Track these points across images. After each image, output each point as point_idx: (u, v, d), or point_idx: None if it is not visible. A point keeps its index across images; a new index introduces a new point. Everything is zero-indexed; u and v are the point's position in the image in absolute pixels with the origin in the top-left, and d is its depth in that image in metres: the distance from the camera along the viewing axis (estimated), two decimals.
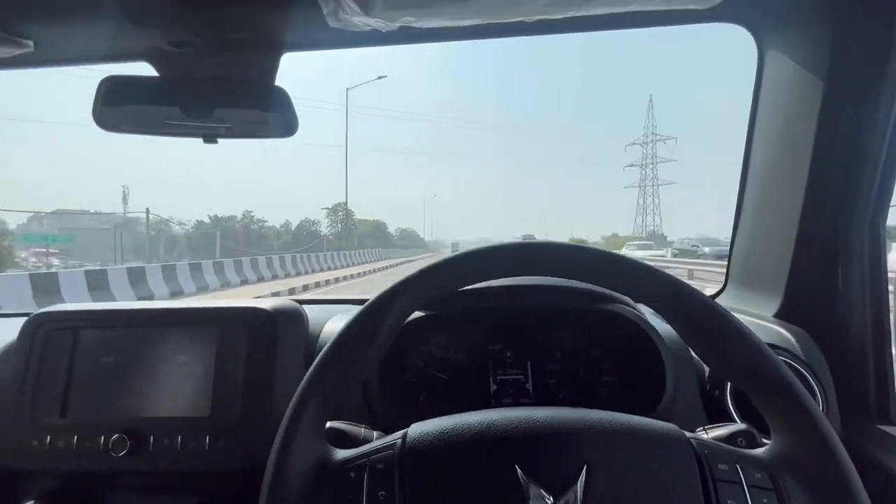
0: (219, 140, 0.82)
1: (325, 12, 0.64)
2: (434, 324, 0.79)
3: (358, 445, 0.45)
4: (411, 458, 0.41)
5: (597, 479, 0.38)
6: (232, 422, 0.65)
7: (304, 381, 0.42)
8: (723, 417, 0.67)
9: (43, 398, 0.67)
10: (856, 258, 0.73)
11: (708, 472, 0.39)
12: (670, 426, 0.43)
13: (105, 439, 0.64)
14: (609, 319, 0.75)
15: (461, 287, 0.46)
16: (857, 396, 0.71)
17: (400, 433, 0.44)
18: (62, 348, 0.69)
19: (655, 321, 0.75)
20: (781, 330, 0.76)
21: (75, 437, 0.65)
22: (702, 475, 0.39)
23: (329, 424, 0.48)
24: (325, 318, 0.81)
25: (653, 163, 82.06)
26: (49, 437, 0.65)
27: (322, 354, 0.42)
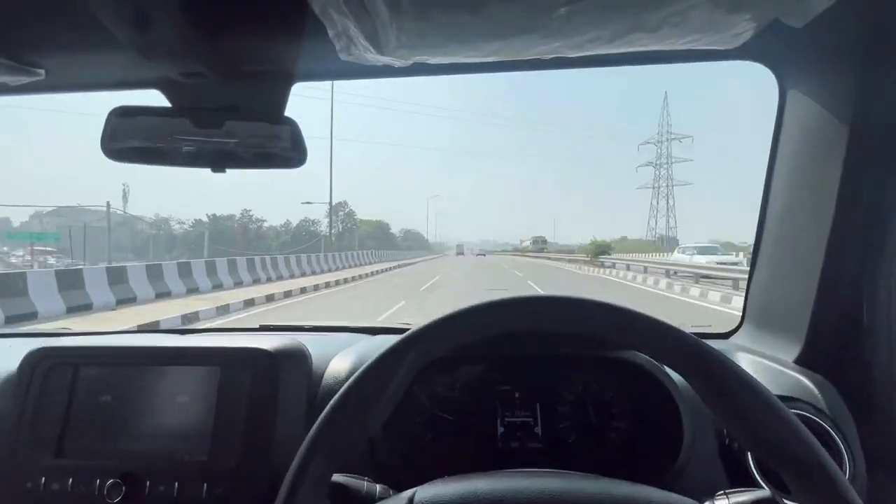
0: (227, 170, 0.81)
1: (338, 48, 0.63)
2: (441, 364, 0.77)
3: (361, 503, 0.43)
4: None
5: None
6: (231, 467, 0.63)
7: (310, 436, 0.40)
8: (743, 474, 0.64)
9: (39, 437, 0.66)
10: (882, 303, 0.70)
11: None
12: (689, 502, 0.41)
13: (100, 484, 0.62)
14: (623, 366, 0.73)
15: (472, 340, 0.44)
16: (884, 452, 0.68)
17: (406, 497, 0.42)
18: (61, 385, 0.67)
19: (672, 371, 0.72)
20: (802, 378, 0.73)
21: (70, 480, 0.63)
22: None
23: (332, 478, 0.46)
24: (329, 354, 0.79)
25: (668, 162, 79.43)
26: (44, 479, 0.63)
27: (326, 412, 0.40)
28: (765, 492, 0.49)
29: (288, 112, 0.80)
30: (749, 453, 0.65)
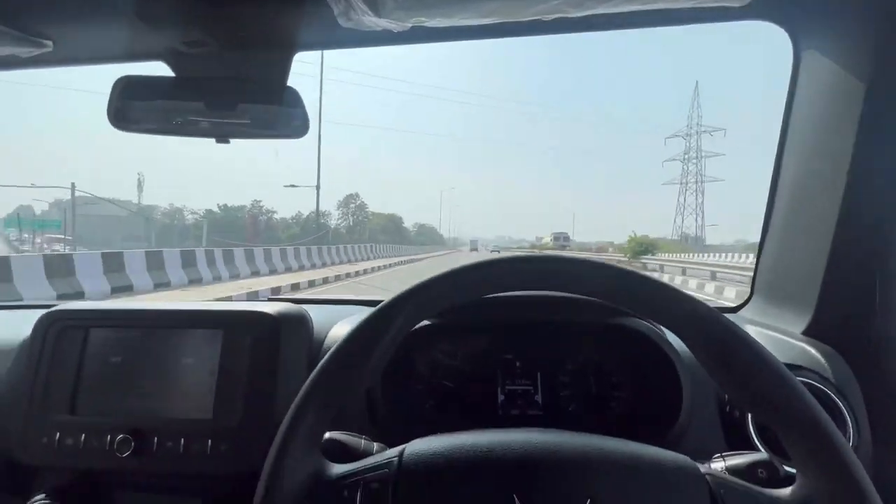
0: (231, 140, 0.82)
1: (336, 13, 0.63)
2: (442, 332, 0.77)
3: (357, 458, 0.44)
4: (406, 480, 0.40)
5: None
6: (234, 426, 0.65)
7: (302, 392, 0.40)
8: (743, 440, 0.63)
9: (53, 395, 0.68)
10: (894, 273, 0.68)
11: None
12: (684, 459, 0.41)
13: (111, 439, 0.65)
14: (624, 333, 0.72)
15: (466, 300, 0.44)
16: (893, 424, 0.66)
17: (397, 450, 0.42)
18: (73, 346, 0.70)
19: (674, 338, 0.71)
20: (810, 348, 0.72)
21: (83, 436, 0.66)
22: None
23: (328, 435, 0.47)
24: (330, 322, 0.80)
25: (697, 157, 74.30)
26: (58, 435, 0.66)
27: (321, 364, 0.41)
28: (762, 455, 0.49)
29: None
30: (749, 420, 0.64)
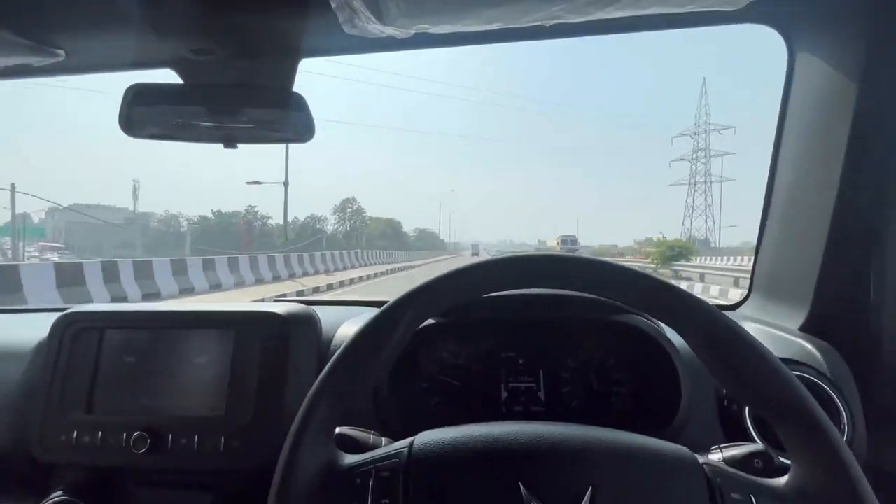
0: (238, 145, 0.84)
1: (341, 20, 0.65)
2: (447, 330, 0.79)
3: (366, 451, 0.46)
4: (416, 468, 0.41)
5: (602, 502, 0.38)
6: (246, 422, 0.67)
7: (316, 384, 0.42)
8: (741, 433, 0.65)
9: (70, 394, 0.71)
10: (890, 270, 0.69)
11: (720, 502, 0.38)
12: (682, 450, 0.42)
13: (127, 436, 0.67)
14: (624, 330, 0.74)
15: (471, 298, 0.46)
16: (888, 418, 0.68)
17: (407, 441, 0.44)
18: (89, 347, 0.72)
19: (672, 334, 0.73)
20: (806, 344, 0.73)
21: (100, 434, 0.68)
22: None
23: (338, 430, 0.49)
24: (338, 322, 0.82)
25: (705, 156, 71.00)
26: (76, 433, 0.68)
27: (334, 358, 0.43)
28: (758, 446, 0.50)
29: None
30: (746, 413, 0.65)
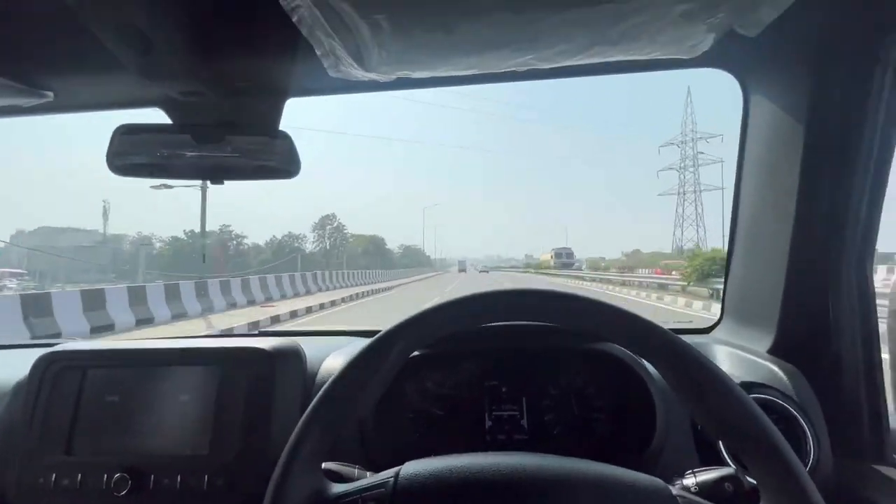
0: (225, 182, 0.86)
1: (326, 65, 0.68)
2: (431, 361, 0.80)
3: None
4: (402, 498, 0.43)
5: None
6: (230, 460, 0.67)
7: (306, 415, 0.44)
8: (715, 457, 0.67)
9: (50, 436, 0.69)
10: (845, 296, 0.74)
11: None
12: (656, 481, 0.44)
13: (108, 478, 0.66)
14: (603, 358, 0.76)
15: (465, 328, 0.49)
16: (852, 437, 0.71)
17: (393, 471, 0.45)
18: (70, 387, 0.71)
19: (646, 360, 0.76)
20: (774, 367, 0.77)
21: (79, 476, 0.66)
22: None
23: (323, 466, 0.50)
24: (323, 355, 0.83)
25: (693, 165, 68.63)
26: (54, 475, 0.67)
27: (324, 389, 0.44)
28: (729, 469, 0.53)
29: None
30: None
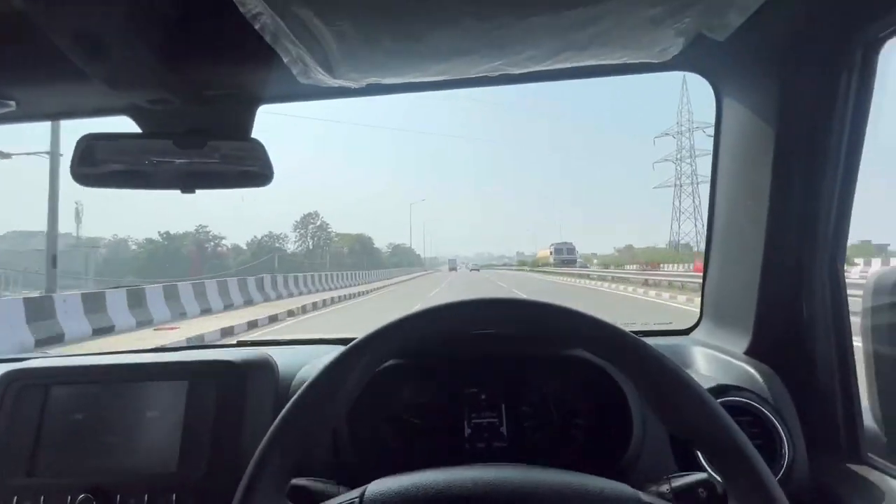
0: (196, 191, 0.84)
1: (295, 72, 0.67)
2: (408, 370, 0.79)
3: (322, 502, 0.45)
4: None
5: None
6: (199, 478, 0.65)
7: (267, 437, 0.42)
8: (693, 462, 0.67)
9: (10, 457, 0.67)
10: (818, 297, 0.74)
11: None
12: (623, 488, 0.44)
13: (71, 500, 0.63)
14: (580, 364, 0.76)
15: (423, 344, 0.48)
16: (827, 436, 0.71)
17: (358, 492, 0.44)
18: (32, 405, 0.69)
19: None
20: (750, 369, 0.77)
21: (41, 498, 0.64)
22: None
23: (294, 482, 0.48)
24: (296, 365, 0.81)
25: (690, 156, 64.99)
26: (15, 499, 0.64)
27: (285, 411, 0.43)
28: (702, 475, 0.52)
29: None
30: None
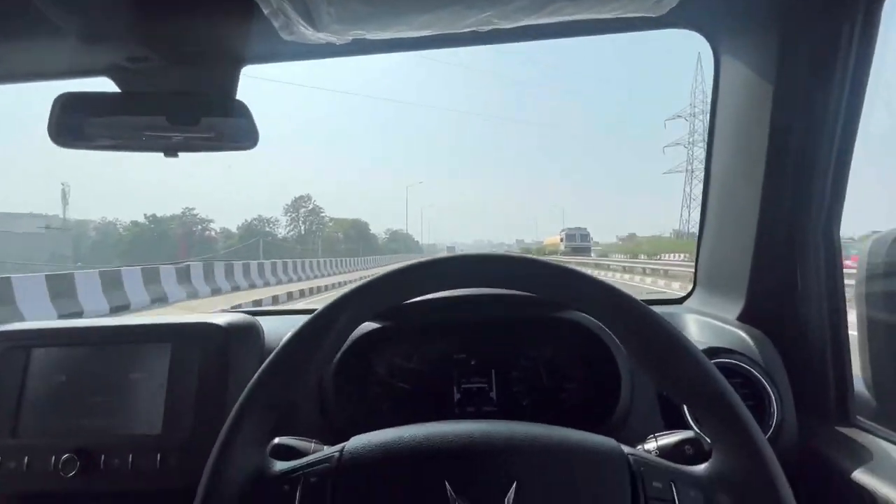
0: (179, 154, 0.82)
1: (277, 26, 0.64)
2: (398, 335, 0.79)
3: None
4: (346, 473, 0.41)
5: (526, 496, 0.38)
6: (183, 439, 0.65)
7: (245, 393, 0.42)
8: (679, 420, 0.67)
9: None
10: (812, 262, 0.73)
11: (641, 490, 0.39)
12: (606, 441, 0.43)
13: (55, 459, 0.63)
14: (568, 327, 0.75)
15: (405, 300, 0.46)
16: (817, 399, 0.71)
17: (339, 446, 0.44)
18: (14, 367, 0.68)
19: None
20: (742, 333, 0.76)
21: (25, 458, 0.64)
22: (633, 493, 0.39)
23: (277, 440, 0.48)
24: (284, 331, 0.80)
25: (703, 140, 60.83)
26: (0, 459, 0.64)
27: (262, 368, 0.43)
28: (689, 433, 0.52)
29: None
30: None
